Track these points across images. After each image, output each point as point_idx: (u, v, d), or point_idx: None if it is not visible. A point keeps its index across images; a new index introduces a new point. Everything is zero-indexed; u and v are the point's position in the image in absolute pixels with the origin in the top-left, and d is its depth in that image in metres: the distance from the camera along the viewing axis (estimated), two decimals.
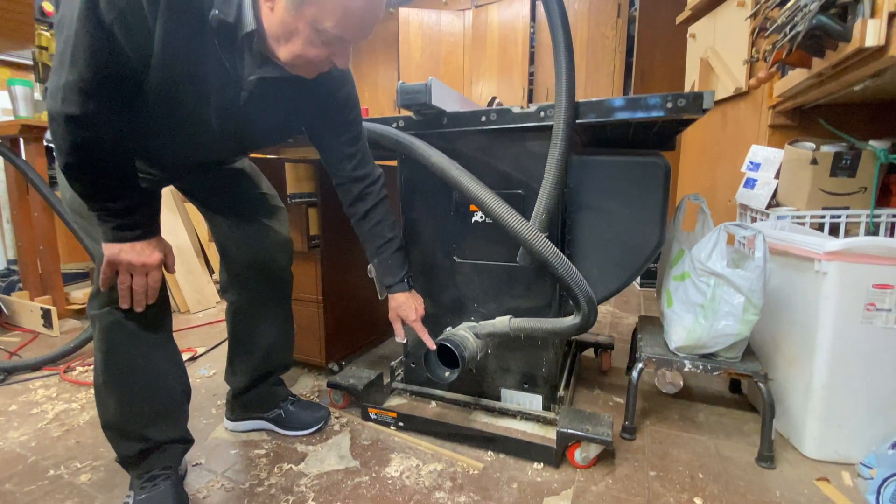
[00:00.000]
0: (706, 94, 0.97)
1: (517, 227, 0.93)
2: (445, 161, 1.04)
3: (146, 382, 0.89)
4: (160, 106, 0.76)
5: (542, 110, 1.10)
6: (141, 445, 0.90)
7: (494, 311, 1.25)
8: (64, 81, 0.66)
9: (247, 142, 0.94)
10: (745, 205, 1.65)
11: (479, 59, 3.61)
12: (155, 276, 0.82)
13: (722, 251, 1.06)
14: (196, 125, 0.81)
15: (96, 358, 0.87)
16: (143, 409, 0.90)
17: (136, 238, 0.78)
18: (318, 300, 1.49)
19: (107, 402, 0.88)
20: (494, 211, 0.96)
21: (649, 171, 1.11)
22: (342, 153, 1.02)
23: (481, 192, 0.98)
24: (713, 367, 1.11)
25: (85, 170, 0.72)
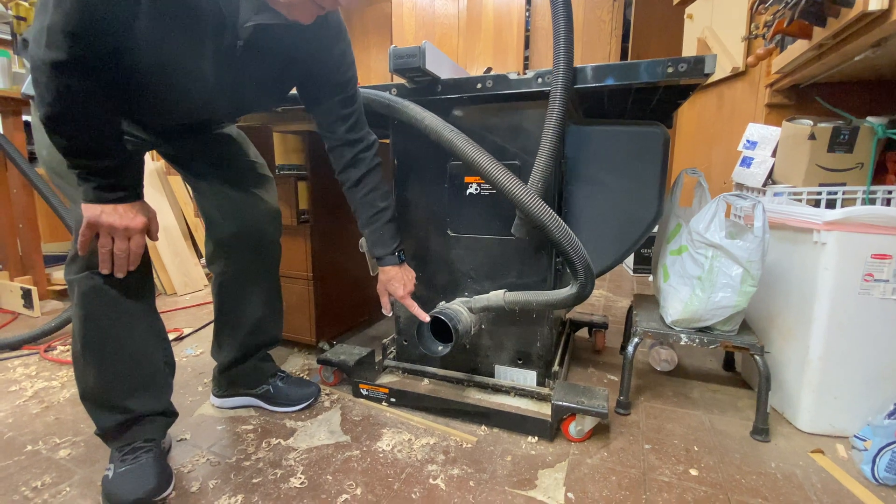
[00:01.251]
0: (708, 57, 0.95)
1: (514, 191, 0.90)
2: (440, 123, 1.01)
3: (127, 351, 0.86)
4: (151, 55, 0.71)
5: (539, 76, 1.07)
6: (121, 417, 0.87)
7: (489, 286, 1.22)
8: (49, 23, 0.61)
9: (240, 99, 0.90)
10: (741, 183, 1.64)
11: (473, 43, 3.55)
12: (137, 240, 0.78)
13: (721, 222, 1.05)
14: (188, 77, 0.77)
15: (74, 325, 0.83)
16: (123, 378, 0.86)
17: (119, 200, 0.74)
18: (308, 277, 1.46)
19: (85, 371, 0.84)
20: (490, 173, 0.93)
21: (648, 141, 1.08)
22: (336, 114, 0.98)
23: (476, 155, 0.95)
24: (709, 341, 1.10)
25: (68, 122, 0.67)
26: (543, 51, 3.39)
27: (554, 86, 0.98)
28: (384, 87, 1.21)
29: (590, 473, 0.94)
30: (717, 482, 0.92)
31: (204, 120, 0.96)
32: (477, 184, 1.19)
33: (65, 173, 0.79)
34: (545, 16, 3.33)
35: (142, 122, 0.87)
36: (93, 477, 0.92)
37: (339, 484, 0.90)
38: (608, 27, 3.17)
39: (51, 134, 0.69)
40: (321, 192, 1.44)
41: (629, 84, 1.00)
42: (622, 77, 0.99)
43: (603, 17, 3.17)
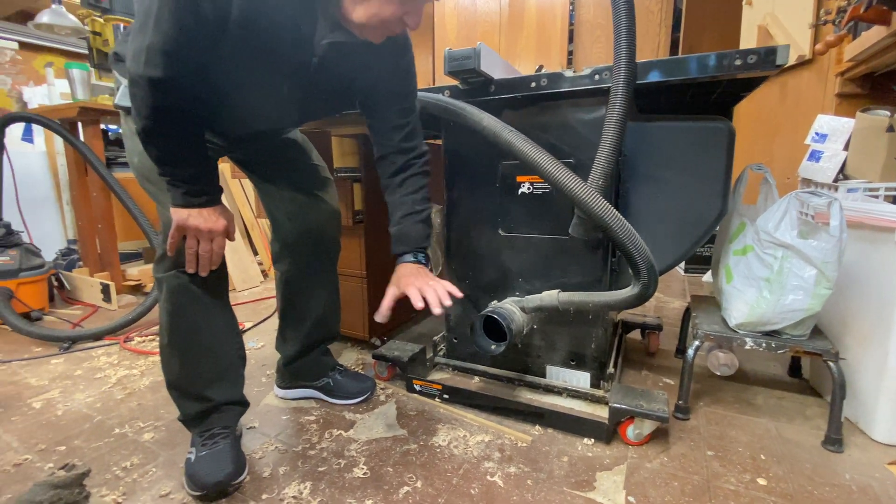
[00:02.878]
0: (780, 48, 0.91)
1: (575, 190, 0.90)
2: (498, 124, 1.01)
3: (207, 344, 0.92)
4: (233, 71, 0.77)
5: (596, 73, 1.06)
6: (202, 405, 0.94)
7: (541, 286, 1.22)
8: (148, 43, 0.67)
9: (308, 109, 0.96)
10: (808, 179, 1.55)
11: (515, 40, 3.52)
12: (220, 242, 0.84)
13: (792, 220, 1.00)
14: (265, 91, 0.83)
15: (162, 319, 0.91)
16: (204, 370, 0.93)
17: (204, 204, 0.80)
18: (362, 275, 1.50)
19: (171, 362, 0.92)
20: (551, 173, 0.93)
21: (713, 137, 1.04)
22: (394, 123, 1.01)
23: (536, 155, 0.94)
24: (778, 346, 1.05)
25: (161, 134, 0.74)
26: (588, 45, 3.32)
27: (615, 82, 0.97)
28: (437, 90, 1.23)
29: (650, 478, 0.93)
30: (787, 493, 0.89)
31: (273, 128, 1.02)
32: (530, 183, 1.19)
33: (155, 179, 0.85)
34: (590, 9, 3.26)
35: (218, 130, 0.93)
36: (175, 459, 1.00)
37: (399, 476, 0.93)
38: (657, 18, 3.06)
39: (145, 145, 0.76)
40: (375, 193, 1.49)
41: (694, 79, 0.97)
42: (686, 72, 0.97)
43: (651, 7, 3.06)
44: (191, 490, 0.88)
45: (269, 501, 0.87)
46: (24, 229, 2.20)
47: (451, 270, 1.34)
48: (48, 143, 2.65)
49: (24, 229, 2.23)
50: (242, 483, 0.92)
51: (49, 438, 1.09)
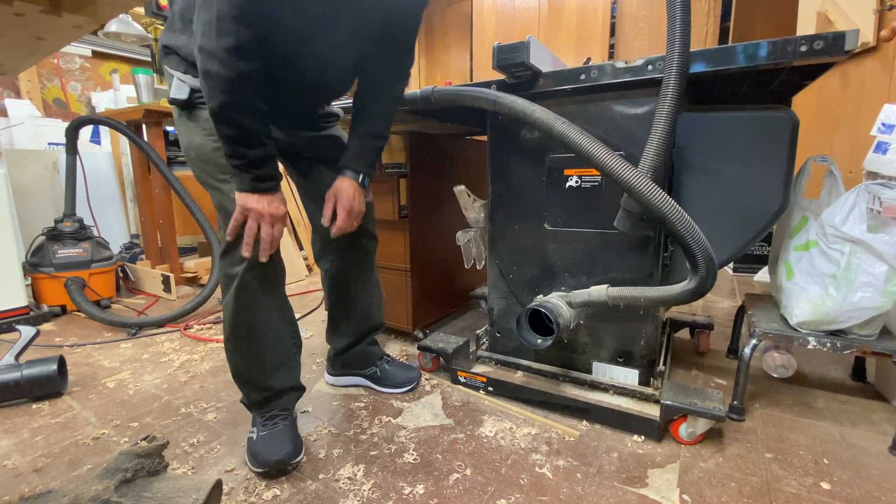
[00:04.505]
0: (849, 32, 0.86)
1: (631, 179, 0.89)
2: (550, 116, 1.01)
3: (269, 337, 0.98)
4: (292, 31, 0.83)
5: (649, 63, 1.04)
6: (264, 393, 0.99)
7: (587, 281, 1.21)
8: (217, 13, 0.71)
9: (348, 61, 1.01)
10: (874, 172, 1.45)
11: (555, 35, 3.48)
12: (279, 227, 0.88)
13: (861, 214, 0.95)
14: (321, 44, 0.89)
15: (226, 314, 0.96)
16: (266, 361, 0.98)
17: (269, 190, 0.84)
18: (407, 269, 1.54)
19: (235, 354, 0.98)
20: (606, 163, 0.92)
21: (775, 127, 1.00)
22: (390, 60, 1.10)
23: (590, 145, 0.94)
24: (844, 346, 1.00)
25: (237, 109, 0.77)
26: (630, 38, 3.23)
27: (668, 71, 0.95)
28: (484, 84, 1.24)
29: (705, 477, 0.91)
30: (853, 498, 0.85)
31: (321, 93, 1.08)
32: (578, 176, 1.19)
33: (212, 171, 0.91)
34: (633, 1, 3.18)
35: (278, 110, 0.96)
36: (236, 438, 1.06)
37: (448, 463, 0.95)
38: (705, 7, 2.95)
39: (219, 124, 0.79)
40: (420, 188, 1.52)
41: (755, 67, 0.94)
42: (748, 59, 0.93)
43: None
44: (253, 467, 0.94)
45: (326, 481, 0.91)
46: (93, 224, 2.37)
47: (494, 264, 1.35)
48: (114, 145, 2.85)
49: (94, 224, 2.41)
50: (301, 463, 0.96)
51: (123, 415, 1.18)
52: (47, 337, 1.74)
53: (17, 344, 1.30)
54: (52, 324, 1.90)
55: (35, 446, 1.05)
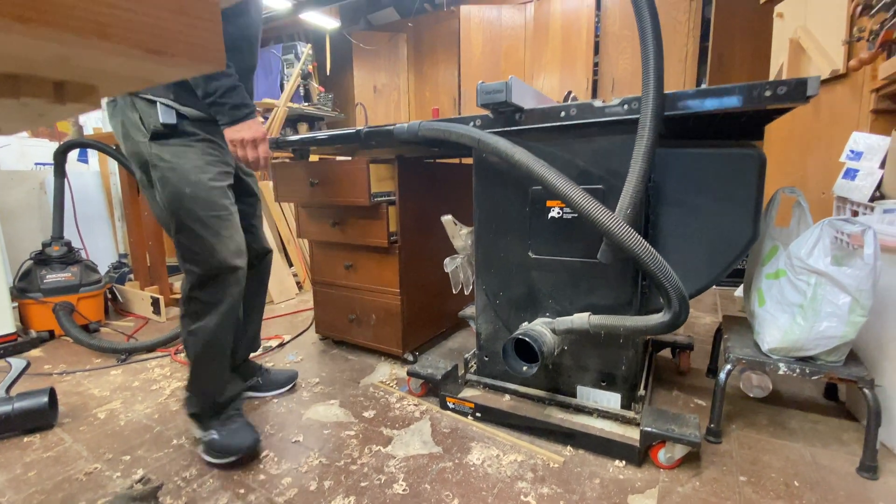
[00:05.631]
0: (810, 79, 0.92)
1: (606, 222, 0.93)
2: (530, 158, 1.06)
3: (228, 349, 1.16)
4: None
5: (625, 103, 1.09)
6: (224, 399, 1.16)
7: (570, 308, 1.25)
8: None
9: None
10: (844, 197, 1.53)
11: (540, 52, 3.56)
12: (264, 147, 1.08)
13: (825, 248, 1.00)
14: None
15: (201, 337, 1.11)
16: (227, 371, 1.18)
17: (246, 116, 1.05)
18: (397, 293, 1.57)
19: (206, 373, 1.15)
20: (582, 206, 0.97)
21: (743, 164, 1.06)
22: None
23: (568, 189, 0.99)
24: (812, 371, 1.05)
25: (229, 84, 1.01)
26: (613, 57, 3.32)
27: (644, 112, 1.00)
28: (469, 119, 1.28)
29: (681, 502, 0.95)
30: None
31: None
32: (559, 208, 1.23)
33: (204, 207, 1.05)
34: (615, 21, 3.27)
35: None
36: (229, 471, 1.08)
37: (437, 493, 0.98)
38: (685, 28, 3.05)
39: (213, 81, 0.99)
40: (409, 214, 1.55)
41: (723, 111, 0.99)
42: (715, 104, 0.99)
43: (679, 17, 3.05)
44: (222, 459, 1.08)
45: None
46: (81, 246, 2.37)
47: (481, 290, 1.39)
48: (102, 164, 2.84)
49: (82, 246, 2.40)
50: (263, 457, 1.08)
51: (115, 448, 1.19)
52: (36, 364, 1.74)
53: (7, 377, 1.30)
54: (41, 349, 1.89)
55: (28, 482, 1.05)
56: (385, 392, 1.44)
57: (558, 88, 3.50)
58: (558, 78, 3.51)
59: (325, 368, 1.63)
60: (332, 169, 1.48)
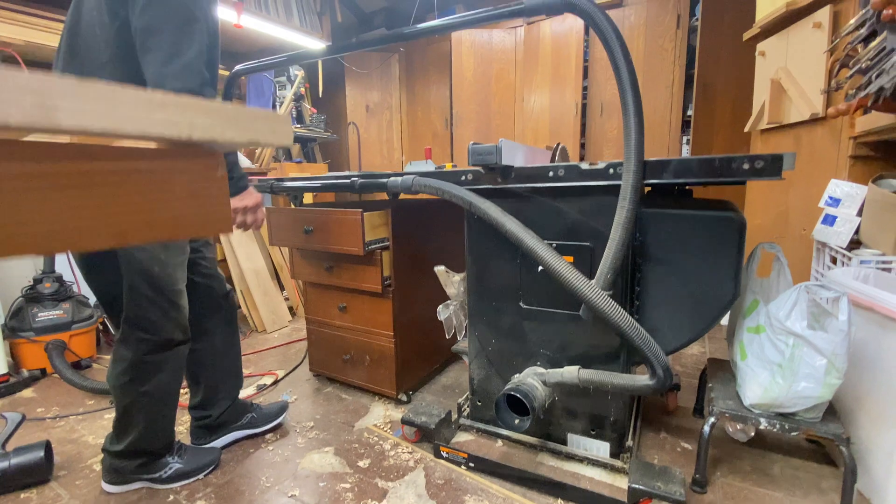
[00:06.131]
0: (786, 156, 0.97)
1: (594, 300, 0.98)
2: (520, 230, 1.10)
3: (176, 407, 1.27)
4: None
5: (610, 167, 1.13)
6: (172, 437, 1.30)
7: (560, 356, 1.29)
8: (187, 60, 0.97)
9: None
10: (823, 242, 1.58)
11: (531, 75, 3.61)
12: (262, 211, 1.25)
13: (802, 311, 1.05)
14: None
15: (158, 389, 1.20)
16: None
17: (248, 185, 1.21)
18: (391, 336, 1.59)
19: (163, 418, 1.25)
20: (572, 283, 1.01)
21: (724, 227, 1.10)
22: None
23: (558, 264, 1.03)
24: (791, 427, 1.09)
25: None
26: (602, 82, 3.38)
27: (625, 183, 1.04)
28: (461, 173, 1.31)
29: None
30: None
31: None
32: None
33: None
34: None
35: None
36: None
37: None
38: (671, 55, 3.11)
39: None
40: (402, 258, 1.58)
41: (703, 182, 1.04)
42: (694, 174, 1.03)
43: (665, 45, 3.12)
44: (199, 475, 1.27)
45: None
46: (73, 278, 2.36)
47: (473, 337, 1.42)
48: None
49: (74, 279, 2.39)
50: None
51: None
52: (29, 406, 1.73)
53: (3, 431, 1.31)
54: (33, 389, 1.88)
55: None
56: (379, 437, 1.46)
57: (548, 110, 3.55)
58: (548, 100, 3.56)
59: (319, 409, 1.65)
60: (327, 217, 1.50)
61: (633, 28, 3.20)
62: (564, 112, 3.49)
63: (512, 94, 3.73)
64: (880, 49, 1.18)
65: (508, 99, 3.75)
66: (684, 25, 3.05)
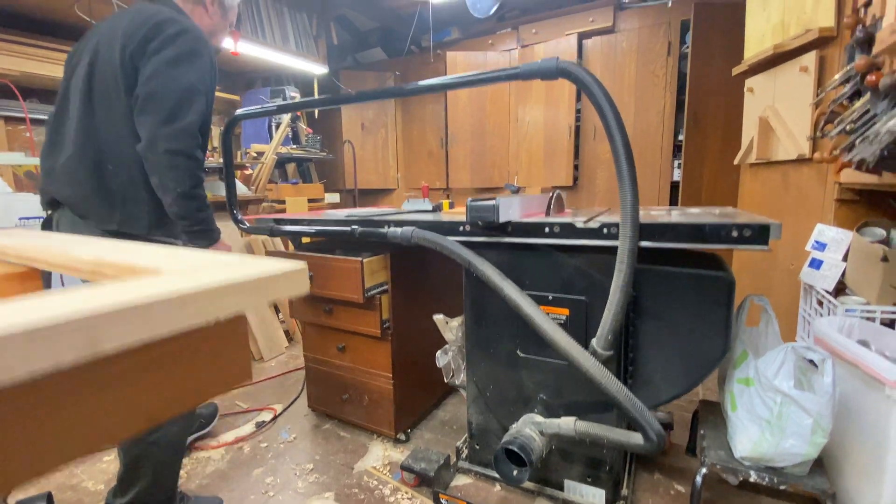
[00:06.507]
0: (773, 226, 1.01)
1: (591, 370, 1.01)
2: (519, 296, 1.13)
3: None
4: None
5: (605, 226, 1.16)
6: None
7: (557, 404, 1.32)
8: (190, 127, 1.11)
9: None
10: (810, 284, 1.63)
11: (525, 97, 3.66)
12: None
13: (789, 371, 1.09)
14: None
15: (157, 469, 1.21)
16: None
17: (218, 236, 1.25)
18: (389, 378, 1.61)
19: (173, 472, 1.27)
20: (570, 353, 1.04)
21: (715, 286, 1.14)
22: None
23: (556, 334, 1.06)
24: (779, 481, 1.13)
25: (200, 185, 1.15)
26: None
27: (621, 247, 1.08)
28: (459, 224, 1.34)
29: None
30: None
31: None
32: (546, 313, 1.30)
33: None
34: (595, 71, 3.38)
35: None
36: None
37: None
38: (662, 81, 3.17)
39: (189, 199, 1.13)
40: (400, 300, 1.60)
41: (692, 248, 1.07)
42: (685, 239, 1.07)
43: (656, 71, 3.18)
44: None
45: None
46: None
47: (472, 382, 1.45)
48: None
49: None
50: None
51: None
52: None
53: None
54: None
55: None
56: (379, 482, 1.48)
57: (542, 131, 3.60)
58: (542, 121, 3.61)
59: (318, 449, 1.66)
60: (327, 264, 1.52)
61: (625, 54, 3.25)
62: (558, 134, 3.53)
63: (506, 114, 3.77)
64: (864, 111, 1.23)
65: (503, 120, 3.79)
66: (675, 53, 3.11)
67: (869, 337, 1.31)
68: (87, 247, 0.58)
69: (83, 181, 1.12)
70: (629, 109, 3.29)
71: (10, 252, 0.63)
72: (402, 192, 4.41)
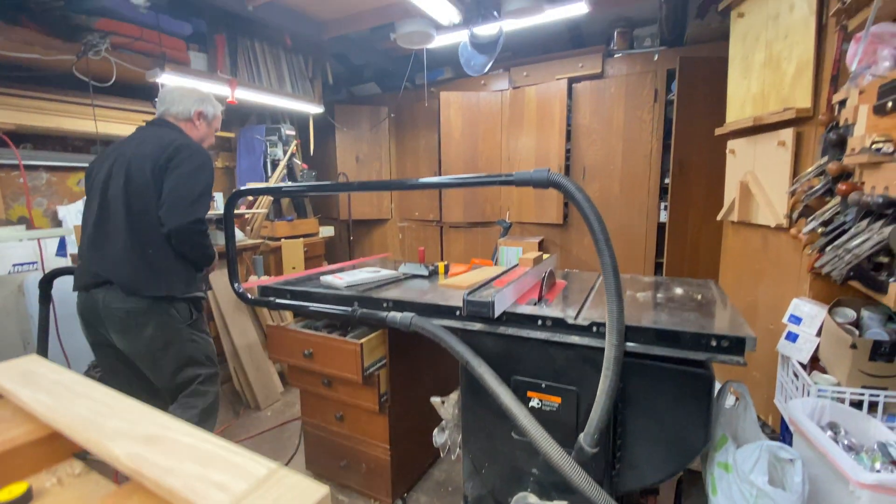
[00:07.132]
0: (748, 339, 1.09)
1: (577, 480, 1.08)
2: (515, 405, 1.20)
3: None
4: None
5: (594, 325, 1.24)
6: None
7: (550, 484, 1.38)
8: (202, 215, 1.53)
9: None
10: (787, 356, 1.72)
11: (516, 136, 3.74)
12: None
13: (763, 468, 1.17)
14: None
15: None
16: None
17: (214, 258, 1.69)
18: (387, 448, 1.67)
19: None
20: (557, 461, 1.11)
21: (696, 382, 1.21)
22: None
23: (546, 443, 1.12)
24: None
25: (208, 244, 1.60)
26: (584, 147, 3.52)
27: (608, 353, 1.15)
28: (454, 308, 1.40)
29: None
30: None
31: None
32: (539, 399, 1.36)
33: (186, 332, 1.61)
34: (585, 115, 3.48)
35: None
36: None
37: None
38: (649, 126, 3.28)
39: (204, 255, 1.60)
40: (398, 374, 1.66)
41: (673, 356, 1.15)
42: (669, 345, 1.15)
43: (643, 116, 3.28)
44: None
45: None
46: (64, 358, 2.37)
47: (468, 458, 1.51)
48: None
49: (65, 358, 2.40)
50: None
51: None
52: None
53: None
54: None
55: None
56: None
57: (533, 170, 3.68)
58: (533, 160, 3.69)
59: None
60: (327, 343, 1.57)
61: (613, 98, 3.36)
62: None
63: (498, 152, 3.86)
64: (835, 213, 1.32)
65: (495, 157, 3.87)
66: (661, 100, 3.22)
67: (839, 419, 1.40)
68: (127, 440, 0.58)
69: (135, 262, 1.49)
70: (617, 151, 3.39)
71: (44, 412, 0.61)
72: (395, 223, 4.46)
